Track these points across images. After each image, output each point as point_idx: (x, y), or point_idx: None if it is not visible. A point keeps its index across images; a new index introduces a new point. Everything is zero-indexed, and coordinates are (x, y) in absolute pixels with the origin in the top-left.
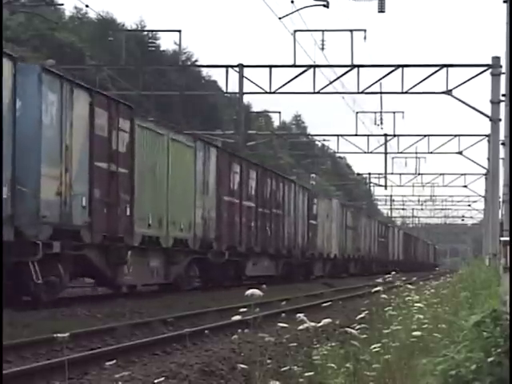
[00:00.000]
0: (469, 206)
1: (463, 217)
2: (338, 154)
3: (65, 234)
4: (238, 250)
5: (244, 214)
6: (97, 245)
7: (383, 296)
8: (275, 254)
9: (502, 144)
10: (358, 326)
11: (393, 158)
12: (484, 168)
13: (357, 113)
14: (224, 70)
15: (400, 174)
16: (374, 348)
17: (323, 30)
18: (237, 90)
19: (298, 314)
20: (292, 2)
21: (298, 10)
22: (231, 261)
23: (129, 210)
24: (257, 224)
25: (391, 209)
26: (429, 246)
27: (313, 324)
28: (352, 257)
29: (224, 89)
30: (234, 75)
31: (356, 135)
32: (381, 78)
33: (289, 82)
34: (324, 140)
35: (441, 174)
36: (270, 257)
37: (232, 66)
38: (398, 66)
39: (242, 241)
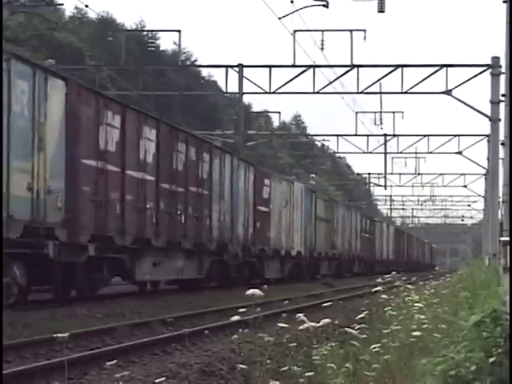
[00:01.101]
0: (468, 206)
1: (463, 217)
2: (337, 154)
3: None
4: (115, 241)
5: (130, 188)
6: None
7: (383, 296)
8: (195, 249)
9: (502, 144)
10: (357, 326)
11: (392, 158)
12: (484, 168)
13: (356, 113)
14: (224, 69)
15: (400, 174)
16: (374, 348)
17: (323, 30)
18: (236, 90)
19: (298, 314)
20: (292, 2)
21: (297, 10)
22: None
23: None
24: (158, 206)
25: (391, 209)
26: (425, 245)
27: (312, 324)
28: (325, 255)
29: (224, 89)
30: (233, 75)
31: (356, 135)
32: (380, 78)
33: (288, 82)
34: (324, 140)
35: (440, 174)
36: (186, 253)
37: (232, 66)
38: (398, 66)
39: (125, 228)
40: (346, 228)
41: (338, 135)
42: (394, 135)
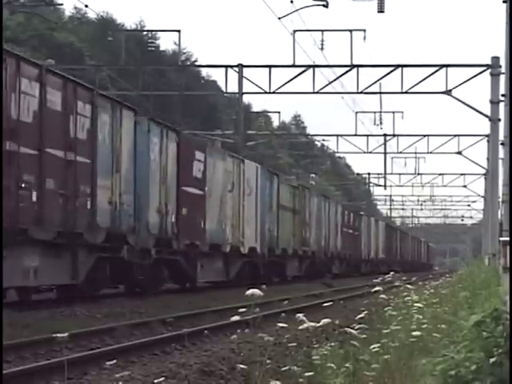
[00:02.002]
0: (468, 206)
1: (463, 217)
2: (337, 154)
3: None
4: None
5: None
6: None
7: (382, 296)
8: (61, 241)
9: (502, 144)
10: (357, 326)
11: (392, 157)
12: (483, 168)
13: (356, 113)
14: (223, 69)
15: (399, 174)
16: (374, 348)
17: (323, 30)
18: (236, 90)
19: (298, 314)
20: (291, 2)
21: (297, 10)
22: None
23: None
24: None
25: (391, 209)
26: (421, 244)
27: (312, 324)
28: (293, 253)
29: (223, 89)
30: (233, 75)
31: (355, 135)
32: (380, 78)
33: (288, 81)
34: (323, 140)
35: (440, 174)
36: (43, 248)
37: (231, 66)
38: (398, 66)
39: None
40: (322, 221)
41: (337, 135)
42: (394, 135)
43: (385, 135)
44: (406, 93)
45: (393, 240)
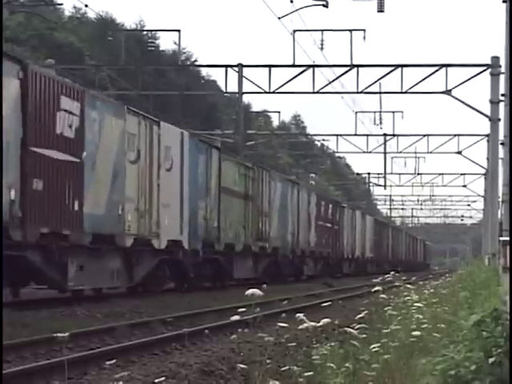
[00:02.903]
0: (468, 205)
1: (462, 217)
2: (337, 154)
3: None
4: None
5: None
6: None
7: (382, 296)
8: None
9: (502, 144)
10: (357, 326)
11: (392, 157)
12: (483, 168)
13: (356, 112)
14: (223, 69)
15: (399, 174)
16: (374, 348)
17: (322, 30)
18: (236, 90)
19: (298, 314)
20: (291, 1)
21: (297, 10)
22: None
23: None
24: None
25: (390, 209)
26: (417, 242)
27: (312, 324)
28: (244, 249)
29: (223, 88)
30: (233, 75)
31: (355, 135)
32: (380, 78)
33: (288, 81)
34: (323, 140)
35: (440, 174)
36: None
37: (231, 66)
38: (398, 66)
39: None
40: (288, 212)
41: (337, 135)
42: (394, 135)
43: (385, 135)
44: (405, 93)
45: (383, 237)
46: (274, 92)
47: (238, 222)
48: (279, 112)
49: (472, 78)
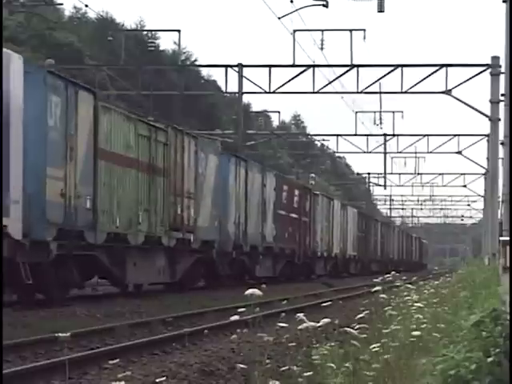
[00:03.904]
0: (468, 205)
1: (462, 216)
2: (337, 154)
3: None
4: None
5: None
6: None
7: (382, 296)
8: None
9: (502, 144)
10: (357, 326)
11: (392, 157)
12: (483, 168)
13: (356, 112)
14: (223, 69)
15: (399, 174)
16: (374, 348)
17: (322, 30)
18: (236, 90)
19: (298, 314)
20: (291, 1)
21: (297, 10)
22: None
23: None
24: None
25: (390, 208)
26: (411, 239)
27: (312, 324)
28: (150, 242)
29: (223, 88)
30: (233, 75)
31: (355, 135)
32: (380, 78)
33: (288, 81)
34: (323, 140)
35: (440, 174)
36: None
37: (231, 66)
38: (398, 66)
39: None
40: (228, 195)
41: (337, 135)
42: (394, 135)
43: (385, 135)
44: (405, 92)
45: (370, 233)
46: (274, 92)
47: (135, 204)
48: (279, 112)
49: (472, 77)
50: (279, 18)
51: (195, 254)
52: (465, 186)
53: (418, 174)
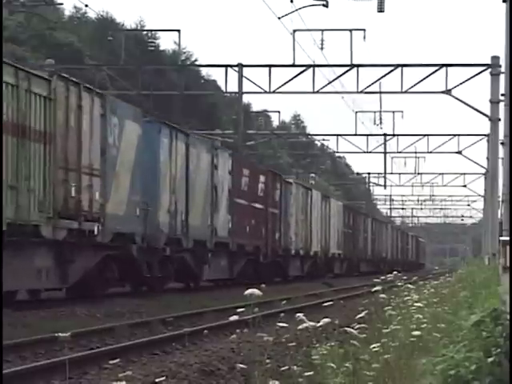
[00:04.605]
0: (468, 205)
1: (462, 216)
2: (337, 154)
3: None
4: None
5: None
6: None
7: (382, 296)
8: None
9: (502, 144)
10: (357, 326)
11: (392, 157)
12: (483, 168)
13: (356, 112)
14: (223, 69)
15: (399, 174)
16: (374, 348)
17: (322, 30)
18: (236, 90)
19: (298, 314)
20: (291, 1)
21: (297, 10)
22: None
23: None
24: None
25: (390, 208)
26: (407, 237)
27: (312, 323)
28: (17, 233)
29: (223, 88)
30: (233, 75)
31: (355, 135)
32: (380, 78)
33: (288, 81)
34: (323, 140)
35: (440, 174)
36: None
37: (231, 66)
38: (398, 66)
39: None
40: (158, 175)
41: (337, 135)
42: (394, 135)
43: (385, 135)
44: (405, 92)
45: (359, 229)
46: (274, 92)
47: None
48: (279, 112)
49: (472, 77)
50: (279, 18)
51: (103, 250)
52: (465, 185)
53: (418, 173)
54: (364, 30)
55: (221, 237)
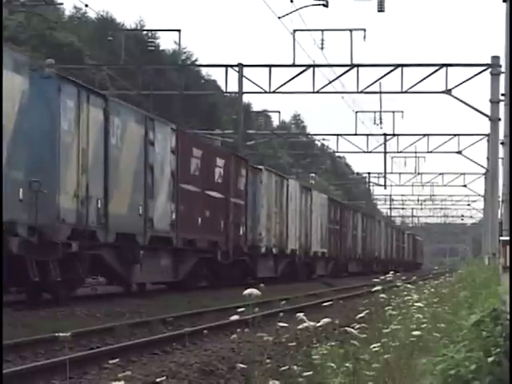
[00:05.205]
0: (468, 205)
1: (463, 216)
2: (337, 154)
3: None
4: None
5: None
6: None
7: (382, 295)
8: None
9: (502, 143)
10: (357, 326)
11: (392, 157)
12: (483, 167)
13: (356, 112)
14: (223, 69)
15: (399, 174)
16: (374, 347)
17: (323, 30)
18: (236, 90)
19: (298, 314)
20: (291, 1)
21: (297, 10)
22: None
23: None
24: None
25: (390, 208)
26: (403, 236)
27: (312, 323)
28: None
29: (223, 88)
30: (233, 75)
31: (355, 135)
32: (380, 78)
33: (288, 81)
34: (323, 139)
35: (440, 174)
36: None
37: (231, 66)
38: (398, 66)
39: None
40: (58, 149)
41: (337, 135)
42: (394, 135)
43: (385, 135)
44: (405, 92)
45: (347, 226)
46: (274, 92)
47: None
48: (279, 112)
49: (472, 77)
50: (279, 18)
51: None
52: (465, 185)
53: (418, 173)
54: (364, 29)
55: (159, 230)
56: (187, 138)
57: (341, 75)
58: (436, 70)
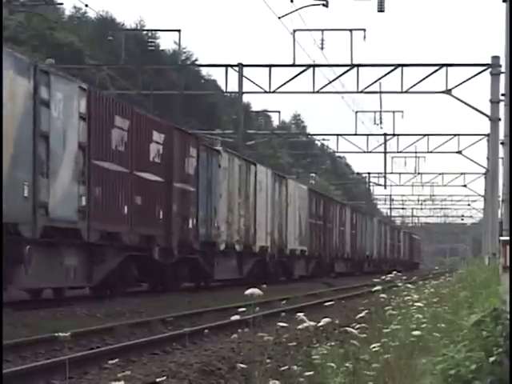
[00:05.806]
0: (468, 205)
1: (463, 216)
2: (337, 154)
3: None
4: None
5: None
6: None
7: (382, 295)
8: None
9: (502, 143)
10: (357, 326)
11: (392, 157)
12: (483, 167)
13: (356, 112)
14: (223, 69)
15: (399, 174)
16: (374, 347)
17: (323, 30)
18: (236, 90)
19: (298, 314)
20: (291, 1)
21: (297, 10)
22: None
23: None
24: None
25: (391, 208)
26: (398, 234)
27: (312, 323)
28: None
29: (223, 88)
30: (233, 74)
31: (355, 135)
32: (380, 78)
33: (288, 81)
34: (323, 139)
35: (440, 174)
36: None
37: (231, 66)
38: (398, 66)
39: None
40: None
41: (337, 134)
42: (394, 135)
43: (385, 135)
44: (406, 92)
45: (333, 222)
46: (274, 92)
47: None
48: (279, 112)
49: (472, 77)
50: (279, 18)
51: None
52: (465, 185)
53: (418, 173)
54: (364, 29)
55: (59, 219)
56: (107, 103)
57: (341, 75)
58: (436, 70)
